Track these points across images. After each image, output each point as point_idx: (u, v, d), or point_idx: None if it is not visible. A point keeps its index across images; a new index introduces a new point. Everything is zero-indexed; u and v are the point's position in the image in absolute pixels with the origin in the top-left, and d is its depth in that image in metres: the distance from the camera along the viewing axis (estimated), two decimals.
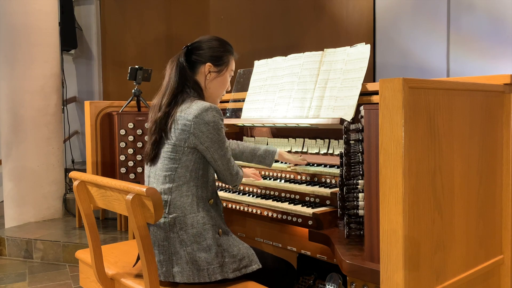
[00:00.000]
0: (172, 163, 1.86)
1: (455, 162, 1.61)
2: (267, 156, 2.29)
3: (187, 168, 1.86)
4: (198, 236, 1.82)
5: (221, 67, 2.03)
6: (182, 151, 1.85)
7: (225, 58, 2.04)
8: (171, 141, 1.87)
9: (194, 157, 1.86)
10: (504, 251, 1.86)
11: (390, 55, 6.64)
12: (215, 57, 2.01)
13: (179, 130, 1.85)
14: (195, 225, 1.83)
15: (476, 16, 5.84)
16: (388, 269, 1.42)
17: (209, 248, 1.82)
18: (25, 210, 4.60)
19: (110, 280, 2.00)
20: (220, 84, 2.05)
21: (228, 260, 1.83)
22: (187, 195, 1.85)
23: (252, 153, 2.30)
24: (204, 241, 1.82)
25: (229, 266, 1.83)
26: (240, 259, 1.86)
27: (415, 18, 6.36)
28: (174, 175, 1.86)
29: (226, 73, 2.06)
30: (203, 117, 1.83)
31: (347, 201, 1.81)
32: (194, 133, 1.83)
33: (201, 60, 2.00)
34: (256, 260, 1.90)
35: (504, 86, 1.81)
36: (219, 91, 2.08)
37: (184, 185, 1.85)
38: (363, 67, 2.15)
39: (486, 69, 5.57)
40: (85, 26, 6.12)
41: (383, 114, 1.41)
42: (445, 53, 6.09)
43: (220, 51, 2.03)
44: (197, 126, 1.83)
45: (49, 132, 4.70)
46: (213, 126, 1.83)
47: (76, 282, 3.51)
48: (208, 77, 2.01)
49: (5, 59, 4.56)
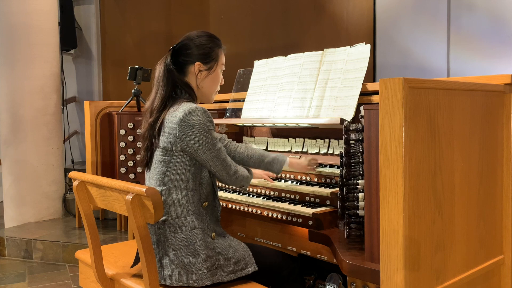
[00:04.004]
0: (162, 166, 1.85)
1: (456, 162, 1.60)
2: (276, 164, 2.18)
3: (176, 171, 1.83)
4: (186, 240, 1.80)
5: (211, 63, 1.98)
6: (171, 154, 1.83)
7: (214, 53, 1.98)
8: (161, 145, 1.85)
9: (183, 159, 1.83)
10: (505, 251, 1.86)
11: (390, 55, 6.63)
12: (203, 54, 1.96)
13: (167, 133, 1.83)
14: (184, 229, 1.81)
15: (476, 16, 5.83)
16: (388, 269, 1.42)
17: (197, 253, 1.78)
18: (24, 210, 4.59)
19: (110, 280, 2.00)
20: (212, 81, 2.00)
21: (223, 263, 1.80)
22: (176, 198, 1.82)
23: (260, 159, 2.20)
24: (192, 246, 1.79)
25: (224, 269, 1.80)
26: (235, 262, 1.82)
27: (415, 18, 6.36)
28: (164, 178, 1.84)
29: (217, 68, 2.00)
30: (188, 119, 1.79)
31: (347, 201, 1.81)
32: (180, 136, 1.80)
33: (189, 60, 1.95)
34: (252, 262, 1.86)
35: (505, 86, 1.81)
36: (213, 88, 2.03)
37: (173, 188, 1.83)
38: (363, 67, 2.14)
39: (486, 69, 5.56)
40: (85, 26, 6.12)
41: (383, 114, 1.41)
42: (446, 53, 6.08)
43: (207, 48, 1.96)
44: (182, 129, 1.79)
45: (49, 132, 4.69)
46: (198, 129, 1.79)
47: (76, 282, 3.50)
48: (199, 76, 1.96)
49: (4, 59, 4.56)
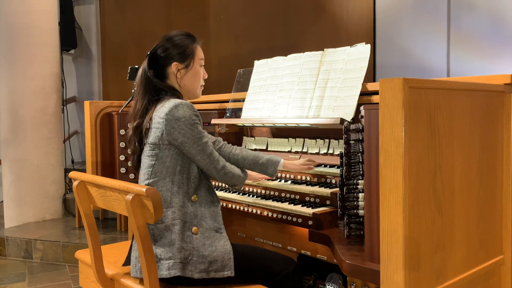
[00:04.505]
0: (150, 160, 1.90)
1: (456, 162, 1.60)
2: (270, 165, 2.18)
3: (163, 164, 1.87)
4: (165, 230, 1.82)
5: (187, 60, 2.01)
6: (158, 148, 1.87)
7: (188, 50, 2.01)
8: (149, 141, 1.90)
9: (171, 153, 1.87)
10: (505, 251, 1.86)
11: (390, 55, 6.63)
12: (178, 54, 1.99)
13: (154, 128, 1.88)
14: (164, 220, 1.83)
15: (476, 16, 5.83)
16: (388, 269, 1.42)
17: (173, 242, 1.80)
18: (24, 210, 4.59)
19: (110, 280, 2.00)
20: (193, 77, 2.04)
21: (196, 259, 1.80)
22: (161, 190, 1.86)
23: (255, 161, 2.20)
24: (170, 236, 1.81)
25: (196, 266, 1.80)
26: (210, 261, 1.81)
27: (415, 18, 6.36)
28: (151, 171, 1.89)
29: (195, 64, 2.03)
30: (174, 113, 1.83)
31: (347, 201, 1.81)
32: (166, 129, 1.84)
33: (165, 62, 1.99)
34: (230, 266, 1.83)
35: (505, 86, 1.80)
36: (195, 84, 2.06)
37: (160, 181, 1.87)
38: (363, 67, 2.14)
39: (486, 69, 5.56)
40: (85, 26, 6.12)
41: (383, 114, 1.41)
42: (446, 53, 6.08)
43: (180, 46, 2.00)
44: (168, 122, 1.84)
45: (49, 132, 4.69)
46: (183, 122, 1.83)
47: (76, 282, 3.50)
48: (179, 75, 2.00)
49: (5, 59, 4.56)
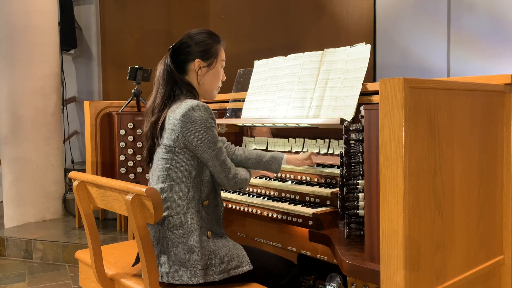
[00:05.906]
0: (164, 163, 1.85)
1: (456, 162, 1.60)
2: (273, 162, 2.16)
3: (179, 168, 1.84)
4: (184, 237, 1.80)
5: (210, 59, 1.99)
6: (173, 151, 1.84)
7: (213, 49, 2.00)
8: (163, 142, 1.86)
9: (186, 157, 1.84)
10: (505, 251, 1.86)
11: (390, 55, 6.64)
12: (203, 51, 1.97)
13: (169, 130, 1.84)
14: (182, 226, 1.81)
15: (476, 16, 5.84)
16: (389, 269, 1.42)
17: (193, 250, 1.79)
18: (24, 210, 4.59)
19: (110, 280, 1.99)
20: (213, 77, 2.02)
21: (216, 261, 1.80)
22: (177, 196, 1.83)
23: (258, 160, 2.19)
24: (189, 243, 1.79)
25: (216, 268, 1.79)
26: (228, 260, 1.82)
27: (415, 18, 6.36)
28: (166, 175, 1.85)
29: (217, 64, 2.02)
30: (190, 115, 1.80)
31: (347, 201, 1.81)
32: (182, 132, 1.81)
33: (189, 58, 1.97)
34: (247, 261, 1.86)
35: (505, 86, 1.80)
36: (214, 84, 2.04)
37: (175, 185, 1.83)
38: (363, 67, 2.14)
39: (486, 69, 5.57)
40: (85, 26, 6.11)
41: (383, 114, 1.41)
42: (446, 53, 6.09)
43: (206, 44, 1.98)
44: (184, 124, 1.80)
45: (49, 132, 4.69)
46: (200, 124, 1.80)
47: (76, 283, 3.50)
48: (200, 73, 1.98)
49: (4, 59, 4.56)
